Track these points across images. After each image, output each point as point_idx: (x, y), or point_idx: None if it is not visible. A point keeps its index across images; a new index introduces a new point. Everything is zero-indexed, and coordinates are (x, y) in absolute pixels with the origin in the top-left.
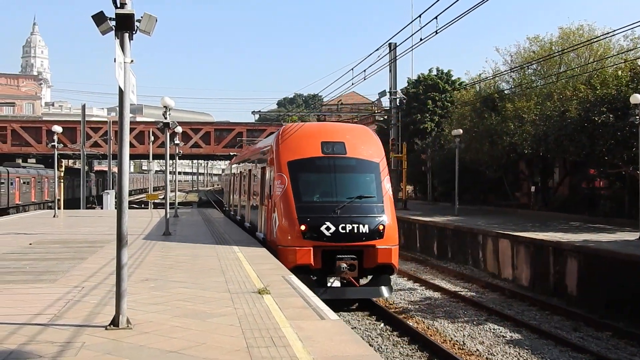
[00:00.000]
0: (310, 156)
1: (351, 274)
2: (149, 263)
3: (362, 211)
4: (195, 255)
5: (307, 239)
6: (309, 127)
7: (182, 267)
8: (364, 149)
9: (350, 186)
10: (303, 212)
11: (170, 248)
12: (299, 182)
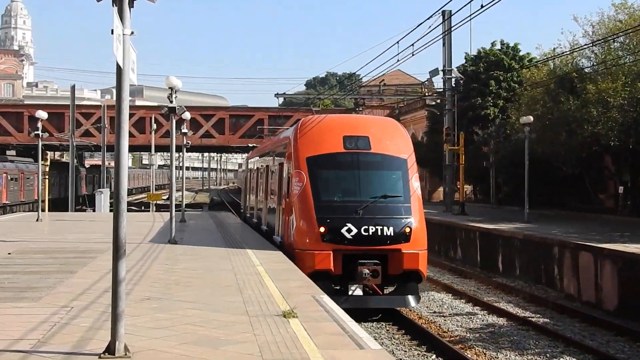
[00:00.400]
0: (331, 151)
1: (374, 281)
2: (151, 278)
3: (387, 212)
4: (206, 268)
5: (327, 242)
6: (331, 119)
7: (191, 283)
8: (390, 144)
9: (374, 184)
10: (322, 213)
11: (177, 260)
12: (318, 179)
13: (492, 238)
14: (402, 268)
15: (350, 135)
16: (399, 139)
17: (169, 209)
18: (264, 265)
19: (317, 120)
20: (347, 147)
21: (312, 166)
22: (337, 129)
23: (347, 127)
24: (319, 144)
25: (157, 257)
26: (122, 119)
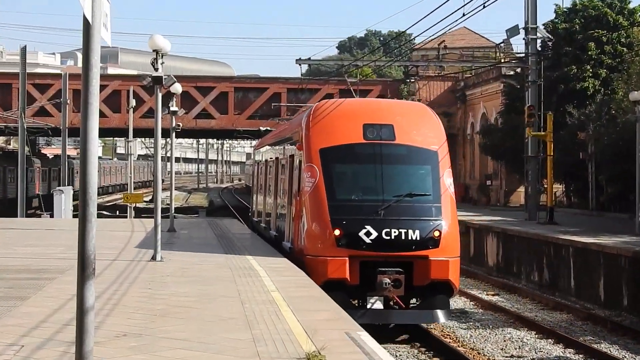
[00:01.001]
0: (348, 142)
1: (396, 292)
2: (128, 307)
3: (412, 213)
4: (203, 295)
5: (342, 247)
6: (349, 104)
7: (182, 314)
8: (418, 134)
9: (398, 181)
10: (337, 213)
11: (163, 282)
12: (333, 175)
13: (590, 256)
14: (429, 278)
15: (372, 123)
16: (429, 127)
17: (152, 214)
18: (282, 292)
19: (333, 106)
20: (368, 137)
21: (326, 159)
22: (356, 116)
23: (368, 113)
24: (335, 133)
25: (137, 279)
26: (90, 92)
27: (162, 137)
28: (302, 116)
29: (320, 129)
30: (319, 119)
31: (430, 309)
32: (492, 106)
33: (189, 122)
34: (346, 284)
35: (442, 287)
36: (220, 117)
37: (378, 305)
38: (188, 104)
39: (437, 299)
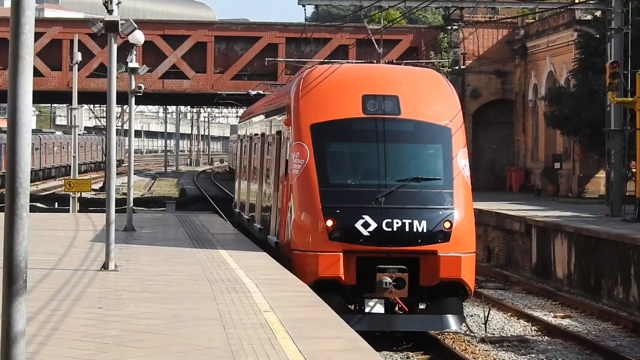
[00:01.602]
0: (345, 117)
1: (398, 293)
2: (71, 332)
3: (419, 200)
4: (171, 316)
5: (336, 241)
6: (347, 71)
7: (143, 343)
8: (428, 107)
9: (403, 162)
10: (330, 201)
11: (118, 299)
12: (326, 155)
13: None
14: (438, 277)
15: (373, 94)
16: (440, 98)
17: (103, 207)
18: (279, 312)
19: (327, 72)
20: (368, 110)
21: (317, 137)
22: (355, 86)
23: (369, 82)
24: (329, 106)
25: (83, 295)
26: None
27: (117, 104)
28: (291, 85)
29: (312, 100)
30: (310, 88)
31: (439, 314)
32: (562, 63)
33: (153, 84)
34: (340, 283)
35: (454, 288)
36: (196, 77)
37: (378, 309)
38: (153, 59)
39: (448, 302)
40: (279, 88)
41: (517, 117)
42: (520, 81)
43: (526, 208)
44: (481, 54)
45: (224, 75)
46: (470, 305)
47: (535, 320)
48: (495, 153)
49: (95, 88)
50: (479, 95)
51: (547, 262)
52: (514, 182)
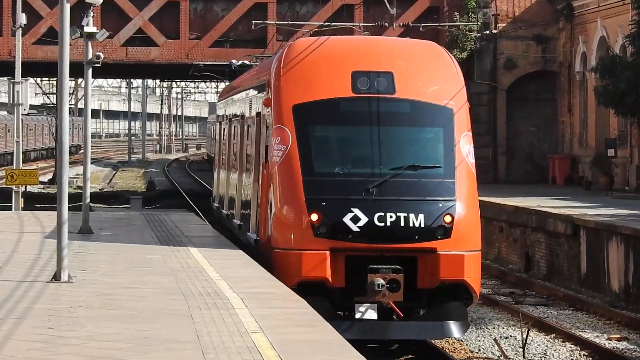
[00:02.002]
0: (332, 97)
1: (393, 297)
2: (15, 357)
3: (416, 191)
4: (137, 338)
5: (322, 237)
6: (335, 44)
7: None
8: (427, 85)
9: (398, 148)
10: (315, 192)
11: (72, 318)
12: (310, 140)
13: None
14: (438, 278)
15: (364, 70)
16: (441, 75)
17: (53, 204)
18: (270, 334)
19: (313, 46)
20: (359, 89)
21: (301, 120)
22: (344, 61)
23: (360, 57)
24: (314, 84)
25: (30, 312)
26: None
27: (70, 77)
28: (272, 59)
29: (295, 78)
30: (293, 64)
31: (440, 320)
32: (617, 26)
33: (115, 52)
34: (327, 286)
35: (456, 291)
36: (167, 44)
37: (370, 315)
38: (114, 22)
39: (450, 306)
40: (263, 62)
41: (561, 93)
42: (565, 49)
43: (573, 205)
44: (517, 16)
45: (201, 41)
46: (505, 325)
47: (585, 343)
48: (534, 137)
49: (44, 57)
50: (515, 66)
51: (599, 272)
52: (558, 173)
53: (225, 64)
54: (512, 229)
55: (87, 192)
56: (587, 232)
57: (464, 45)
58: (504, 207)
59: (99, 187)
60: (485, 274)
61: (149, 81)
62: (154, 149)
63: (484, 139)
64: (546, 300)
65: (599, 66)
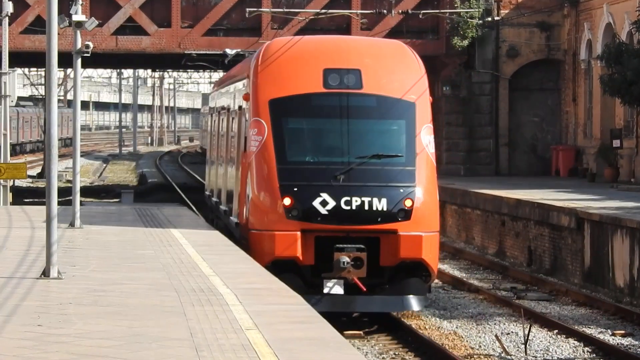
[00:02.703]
0: (304, 92)
1: (356, 273)
2: (4, 355)
3: (379, 178)
4: (129, 335)
5: (293, 220)
6: (309, 44)
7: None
8: (392, 81)
9: (364, 139)
10: (288, 179)
11: (62, 315)
12: (284, 132)
13: None
14: (398, 257)
15: (334, 67)
16: (405, 72)
17: (42, 198)
18: (266, 331)
19: (288, 45)
20: (329, 85)
21: (276, 113)
22: (316, 59)
23: (330, 55)
24: (289, 80)
25: (18, 309)
26: None
27: (59, 68)
28: (251, 57)
29: (271, 75)
30: (269, 62)
31: (401, 295)
32: (624, 12)
33: (104, 42)
34: (298, 264)
35: (416, 269)
36: (159, 33)
37: (337, 290)
38: (103, 10)
39: (410, 282)
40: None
41: (565, 82)
42: (569, 36)
43: (577, 197)
44: (520, 2)
45: (193, 30)
46: (507, 320)
47: (588, 339)
48: (537, 128)
49: (31, 47)
50: (518, 54)
51: (603, 266)
52: (562, 164)
53: (219, 53)
54: (514, 222)
55: (76, 186)
56: (591, 226)
57: (465, 33)
58: (505, 200)
59: (89, 180)
60: (486, 268)
61: (140, 71)
62: (146, 142)
63: (486, 130)
64: (549, 296)
65: (605, 54)
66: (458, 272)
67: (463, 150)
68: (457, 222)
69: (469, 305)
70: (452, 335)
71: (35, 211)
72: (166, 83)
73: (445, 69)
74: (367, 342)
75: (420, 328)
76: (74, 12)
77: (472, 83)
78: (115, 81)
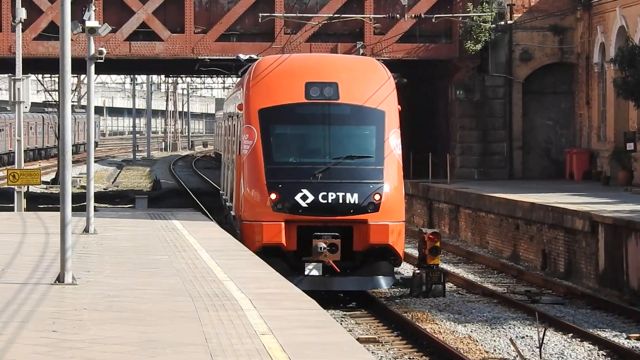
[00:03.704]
0: (288, 102)
1: (331, 257)
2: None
3: (352, 176)
4: (144, 341)
5: (278, 212)
6: (293, 61)
7: None
8: (364, 92)
9: (339, 143)
10: (274, 177)
11: (76, 321)
12: (271, 137)
13: None
14: (368, 243)
15: (315, 81)
16: (376, 85)
17: (56, 204)
18: (280, 335)
19: (276, 63)
20: (310, 96)
21: (264, 120)
22: (299, 74)
23: (311, 71)
24: (276, 92)
25: (33, 315)
26: None
27: (72, 74)
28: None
29: (261, 88)
30: (260, 77)
31: (371, 275)
32: (637, 15)
33: (118, 47)
34: (283, 249)
35: (384, 253)
36: (172, 38)
37: (316, 272)
38: (116, 16)
39: (379, 265)
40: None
41: (579, 86)
42: (582, 39)
43: (591, 201)
44: (533, 5)
45: (207, 35)
46: (521, 324)
47: (603, 342)
48: (551, 131)
49: (45, 53)
50: (531, 57)
51: (617, 269)
52: (576, 168)
53: (232, 58)
54: (529, 226)
55: (91, 191)
56: (605, 229)
57: (478, 37)
58: (519, 204)
59: (103, 186)
60: (501, 272)
61: (153, 77)
62: (159, 147)
63: (499, 134)
64: (563, 299)
65: (618, 57)
66: (472, 276)
67: (477, 154)
68: (471, 226)
69: (483, 309)
70: (467, 339)
71: (49, 217)
72: (180, 88)
73: (459, 72)
74: (382, 347)
75: (434, 332)
76: (87, 18)
77: (485, 87)
78: (128, 87)
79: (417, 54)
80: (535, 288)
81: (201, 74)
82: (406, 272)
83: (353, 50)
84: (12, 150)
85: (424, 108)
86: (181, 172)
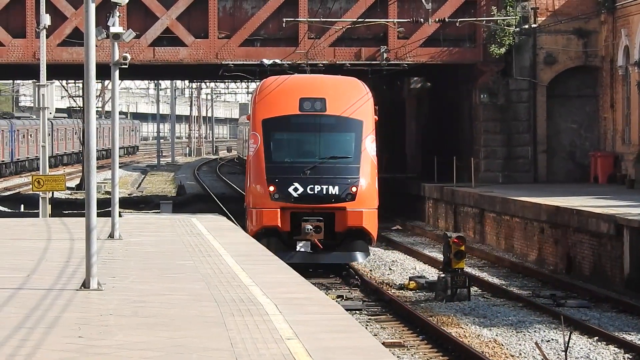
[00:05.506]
0: (285, 114)
1: (316, 236)
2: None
3: (334, 172)
4: (170, 346)
5: (276, 201)
6: (292, 80)
7: None
8: (347, 106)
9: (325, 146)
10: (272, 173)
11: (103, 326)
12: (271, 141)
13: None
14: (347, 225)
15: (307, 97)
16: (358, 99)
17: (82, 210)
18: (305, 340)
19: (278, 82)
20: (304, 109)
21: (266, 128)
22: (295, 91)
23: (305, 88)
24: (276, 106)
25: (59, 321)
26: None
27: (97, 79)
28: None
29: (265, 102)
30: (265, 93)
31: (350, 251)
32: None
33: (142, 53)
34: (278, 230)
35: (360, 234)
36: (196, 44)
37: (305, 248)
38: (141, 22)
39: (356, 243)
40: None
41: (603, 89)
42: (607, 43)
43: (616, 204)
44: (557, 9)
45: (230, 40)
46: (547, 328)
47: (629, 345)
48: (576, 135)
49: (69, 59)
50: (555, 61)
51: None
52: (600, 171)
53: (256, 63)
54: (554, 229)
55: (115, 197)
56: (630, 232)
57: (502, 41)
58: (544, 207)
59: (128, 192)
60: (526, 275)
61: (177, 82)
62: (184, 152)
63: (524, 137)
64: (588, 302)
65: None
66: (497, 280)
67: (501, 158)
68: (496, 229)
69: (508, 312)
70: (492, 343)
71: (74, 223)
72: (203, 93)
73: (483, 76)
74: (407, 351)
75: (460, 336)
76: (112, 24)
77: (509, 90)
78: (152, 92)
79: (441, 58)
80: (560, 291)
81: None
82: (431, 276)
83: (377, 55)
84: (59, 153)
85: (448, 112)
86: (205, 177)
